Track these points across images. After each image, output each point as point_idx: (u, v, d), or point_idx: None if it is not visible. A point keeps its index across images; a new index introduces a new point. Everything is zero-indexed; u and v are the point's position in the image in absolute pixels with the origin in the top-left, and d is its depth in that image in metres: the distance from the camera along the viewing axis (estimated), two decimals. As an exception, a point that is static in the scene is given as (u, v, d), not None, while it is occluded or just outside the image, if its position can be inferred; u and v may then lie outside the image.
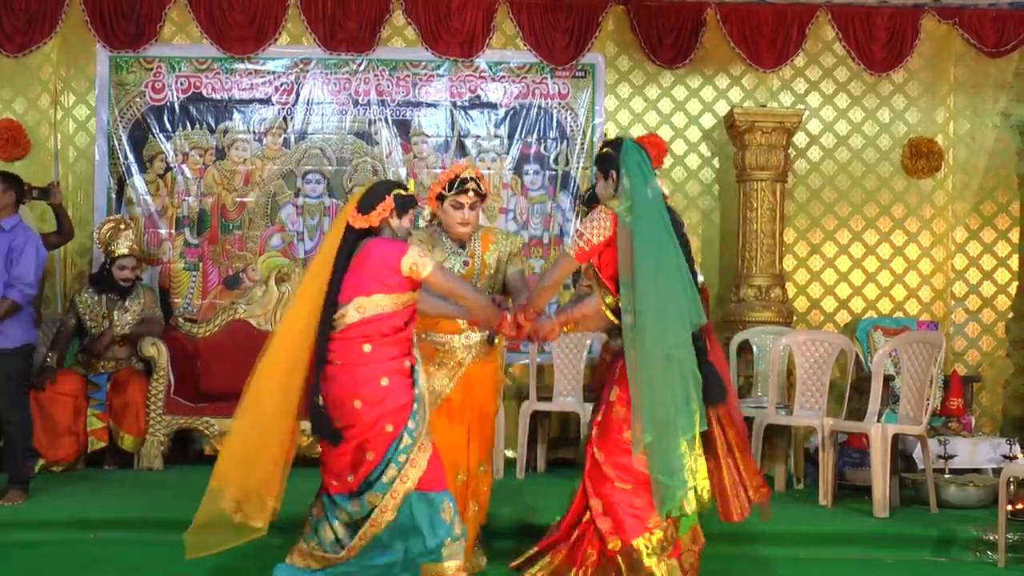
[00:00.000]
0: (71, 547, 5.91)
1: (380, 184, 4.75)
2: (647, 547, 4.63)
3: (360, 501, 4.47)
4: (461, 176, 5.21)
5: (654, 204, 4.73)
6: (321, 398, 4.46)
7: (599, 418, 4.81)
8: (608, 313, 4.81)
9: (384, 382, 4.46)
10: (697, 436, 4.68)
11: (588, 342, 8.05)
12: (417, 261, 4.52)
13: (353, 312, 4.48)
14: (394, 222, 4.64)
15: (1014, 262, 9.13)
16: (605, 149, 4.92)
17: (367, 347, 4.48)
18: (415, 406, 4.52)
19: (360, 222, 4.55)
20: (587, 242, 4.73)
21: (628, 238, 4.65)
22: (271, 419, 4.50)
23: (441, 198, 5.25)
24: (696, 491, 4.69)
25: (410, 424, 4.48)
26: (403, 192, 4.67)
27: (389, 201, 4.60)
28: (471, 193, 5.22)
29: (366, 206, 4.57)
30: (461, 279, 5.04)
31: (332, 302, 4.47)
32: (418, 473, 4.45)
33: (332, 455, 4.51)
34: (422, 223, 5.52)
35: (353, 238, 4.56)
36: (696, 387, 4.64)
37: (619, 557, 4.64)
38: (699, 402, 4.64)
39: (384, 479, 4.44)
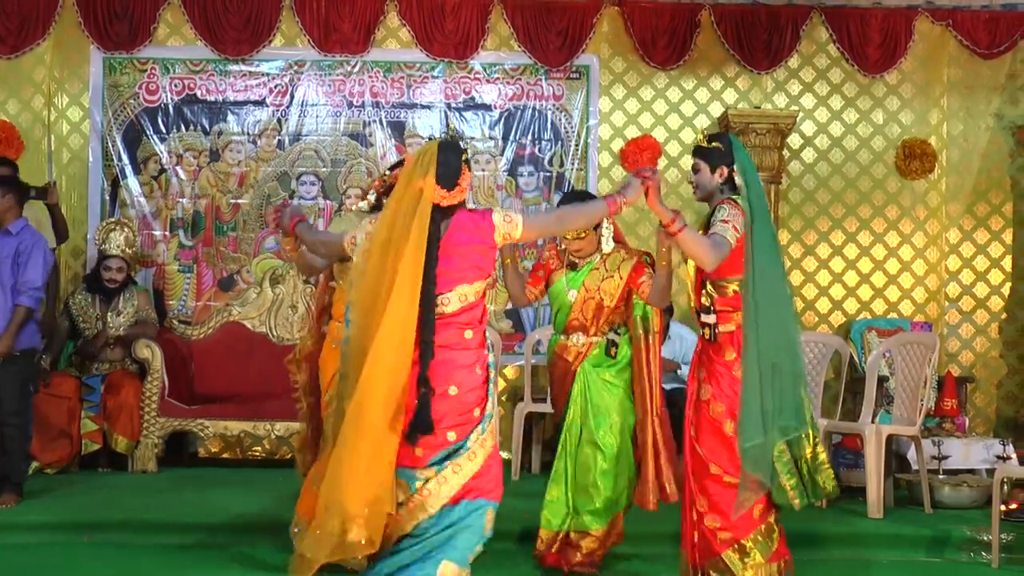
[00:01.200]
0: (65, 549, 5.89)
1: (447, 150, 4.18)
2: (756, 543, 4.71)
3: (434, 469, 4.13)
4: None
5: (765, 205, 4.75)
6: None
7: (691, 417, 4.80)
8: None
9: (478, 371, 4.22)
10: (811, 431, 4.74)
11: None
12: (507, 230, 4.18)
13: (456, 301, 4.16)
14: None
15: (1007, 263, 9.15)
16: (714, 143, 4.82)
17: (468, 333, 4.19)
18: (490, 388, 4.29)
19: (449, 200, 4.12)
20: (735, 236, 4.61)
21: (748, 239, 4.62)
22: (380, 427, 4.01)
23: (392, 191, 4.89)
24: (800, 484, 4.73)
25: (489, 407, 4.24)
26: (467, 152, 4.30)
27: (467, 171, 4.20)
28: None
29: (448, 181, 4.11)
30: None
31: (431, 293, 4.07)
32: (474, 468, 4.16)
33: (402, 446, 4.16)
34: (365, 206, 5.19)
35: (440, 217, 4.10)
36: (804, 385, 4.70)
37: (729, 553, 4.69)
38: (806, 400, 4.71)
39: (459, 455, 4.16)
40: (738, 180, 4.74)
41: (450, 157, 4.16)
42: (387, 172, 5.13)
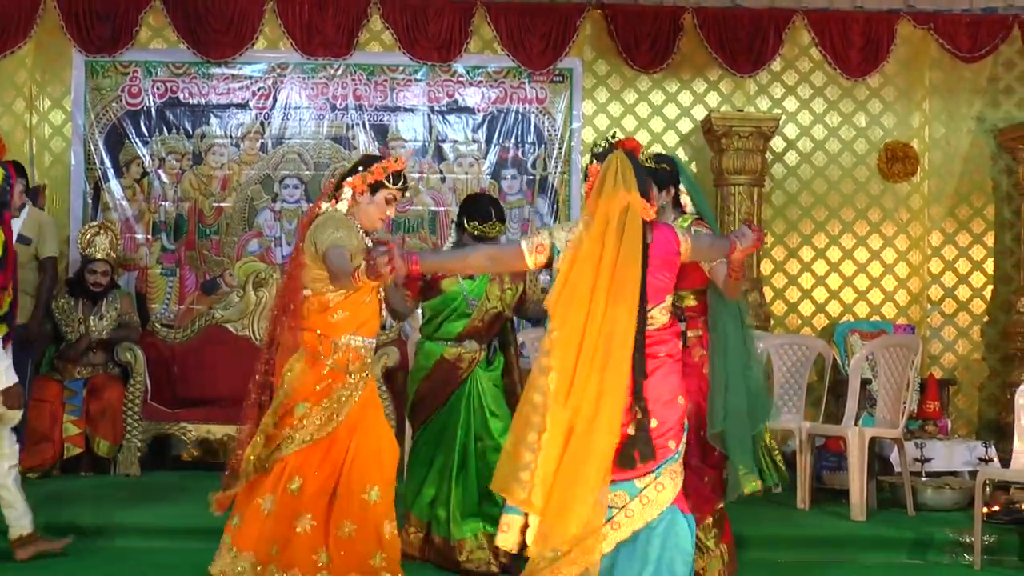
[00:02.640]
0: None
1: (636, 163, 4.14)
2: (707, 528, 4.89)
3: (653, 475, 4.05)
4: (405, 172, 4.84)
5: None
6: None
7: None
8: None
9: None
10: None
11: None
12: (687, 241, 4.22)
13: (666, 312, 4.19)
14: None
15: (989, 266, 9.19)
16: (663, 165, 4.95)
17: (681, 344, 4.32)
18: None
19: (650, 214, 4.08)
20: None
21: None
22: (608, 451, 3.92)
23: (376, 188, 4.74)
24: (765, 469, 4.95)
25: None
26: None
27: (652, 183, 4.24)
28: (403, 192, 4.91)
29: (648, 194, 4.10)
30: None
31: (644, 305, 4.01)
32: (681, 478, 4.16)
33: None
34: (344, 207, 4.78)
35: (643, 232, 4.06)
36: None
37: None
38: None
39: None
40: (684, 199, 4.98)
41: (642, 170, 4.14)
42: (362, 169, 4.78)
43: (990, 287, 9.19)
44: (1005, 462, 6.97)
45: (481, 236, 5.55)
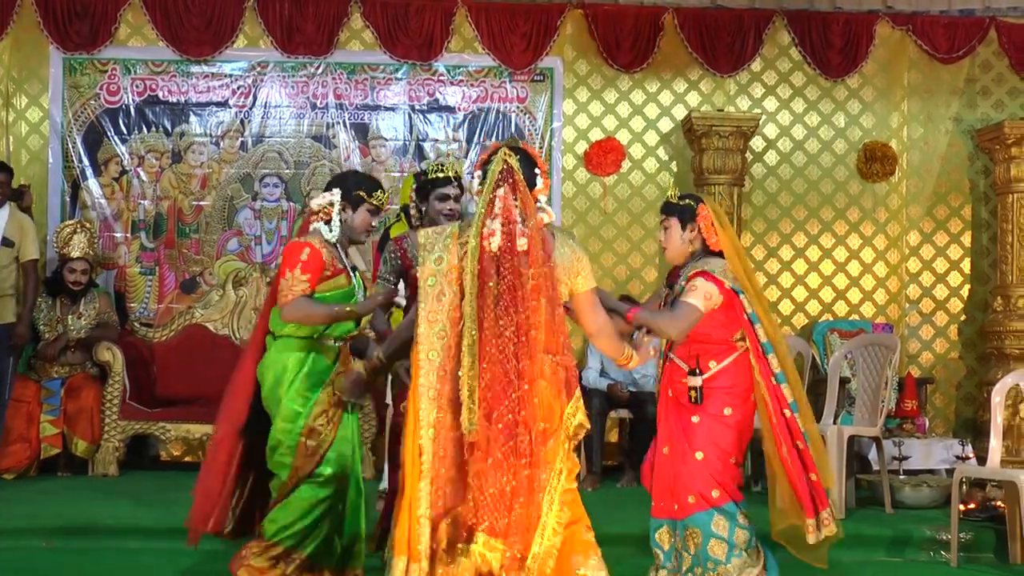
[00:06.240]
0: (22, 555, 5.83)
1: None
2: None
3: None
4: None
5: None
6: None
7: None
8: None
9: None
10: None
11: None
12: None
13: None
14: None
15: (966, 265, 9.24)
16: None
17: None
18: None
19: None
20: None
21: None
22: None
23: None
24: None
25: None
26: None
27: None
28: None
29: None
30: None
31: None
32: None
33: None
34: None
35: None
36: None
37: None
38: None
39: None
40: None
41: None
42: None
43: (967, 286, 9.25)
44: (982, 460, 7.00)
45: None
